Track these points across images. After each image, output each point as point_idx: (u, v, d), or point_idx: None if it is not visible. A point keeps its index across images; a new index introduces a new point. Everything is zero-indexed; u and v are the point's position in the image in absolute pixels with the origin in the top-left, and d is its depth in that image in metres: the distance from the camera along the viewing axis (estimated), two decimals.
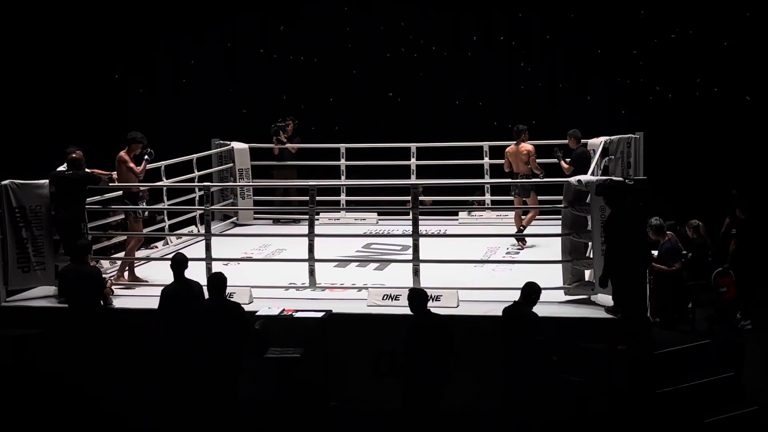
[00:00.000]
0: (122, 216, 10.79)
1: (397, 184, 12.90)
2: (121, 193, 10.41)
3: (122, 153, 10.31)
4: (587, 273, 9.50)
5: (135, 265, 10.53)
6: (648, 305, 9.03)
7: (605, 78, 16.59)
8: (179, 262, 8.84)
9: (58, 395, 9.10)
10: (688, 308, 11.67)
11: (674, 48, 16.39)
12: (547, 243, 10.64)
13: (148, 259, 11.13)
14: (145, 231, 11.23)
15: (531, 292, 8.45)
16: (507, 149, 12.22)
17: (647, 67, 16.54)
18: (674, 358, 8.77)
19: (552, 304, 9.14)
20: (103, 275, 9.63)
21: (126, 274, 10.41)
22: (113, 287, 9.81)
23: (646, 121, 14.90)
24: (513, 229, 12.32)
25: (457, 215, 13.75)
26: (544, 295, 8.98)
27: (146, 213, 10.92)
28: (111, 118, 15.85)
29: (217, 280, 8.45)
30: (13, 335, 9.51)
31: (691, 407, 8.40)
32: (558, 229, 9.75)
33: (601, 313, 9.03)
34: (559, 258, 9.51)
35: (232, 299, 8.93)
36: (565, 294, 9.43)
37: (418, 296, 8.24)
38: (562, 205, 9.57)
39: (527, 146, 12.07)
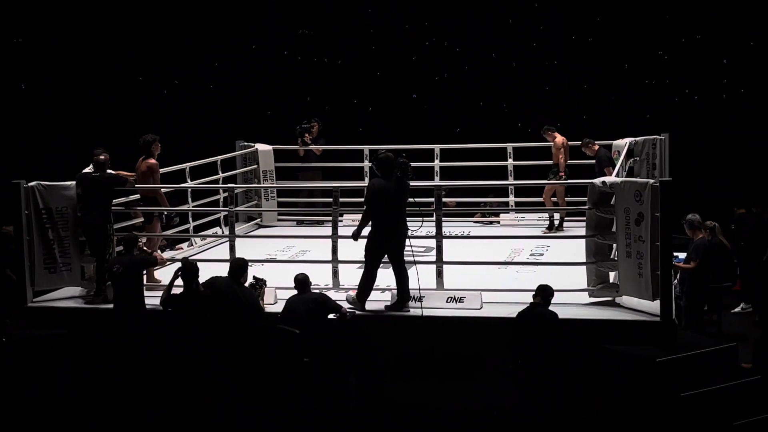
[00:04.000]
0: (142, 219, 10.85)
1: (420, 185, 12.87)
2: (139, 196, 10.55)
3: (153, 161, 10.38)
4: (611, 275, 9.45)
5: (155, 267, 10.53)
6: (673, 306, 8.99)
7: (631, 79, 16.51)
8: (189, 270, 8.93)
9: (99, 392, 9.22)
10: (713, 310, 11.61)
11: (700, 48, 16.28)
12: (571, 244, 10.59)
13: (173, 260, 11.15)
14: (169, 232, 11.28)
15: (549, 293, 8.44)
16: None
17: (673, 68, 16.44)
18: (700, 361, 8.70)
19: (576, 306, 9.10)
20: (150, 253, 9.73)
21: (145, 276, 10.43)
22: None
23: (672, 122, 14.83)
24: (537, 231, 12.32)
25: (475, 217, 13.81)
26: (568, 297, 8.95)
27: (176, 217, 11.03)
28: (135, 120, 15.94)
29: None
30: (39, 335, 9.57)
31: (717, 410, 8.33)
32: (582, 231, 9.71)
33: (625, 315, 8.98)
34: (584, 260, 9.47)
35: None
36: (590, 296, 9.39)
37: (300, 281, 8.96)
38: (586, 207, 9.53)
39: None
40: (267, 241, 12.36)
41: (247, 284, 9.14)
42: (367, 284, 9.23)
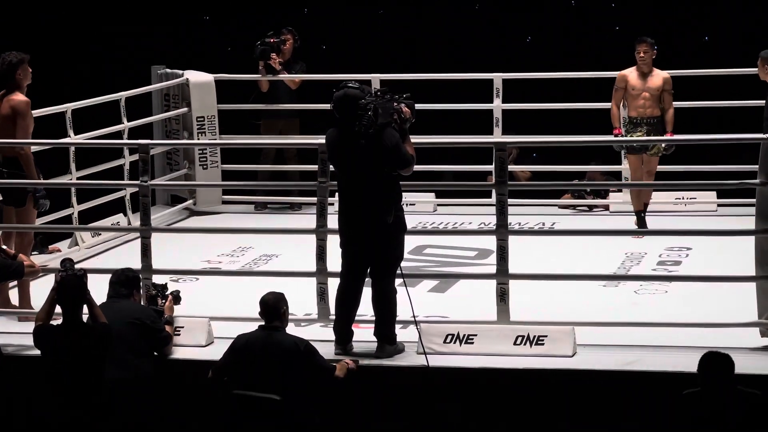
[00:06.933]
0: None
1: (469, 143, 12.88)
2: None
3: (21, 98, 10.45)
4: None
5: (24, 279, 10.45)
6: None
7: None
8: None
9: None
10: None
11: None
12: (728, 246, 10.59)
13: (45, 270, 11.12)
14: (37, 223, 11.28)
15: (707, 371, 8.32)
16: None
17: None
18: None
19: (739, 352, 9.01)
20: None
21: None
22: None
23: None
24: (665, 221, 12.53)
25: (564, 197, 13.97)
26: (725, 337, 8.95)
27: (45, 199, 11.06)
28: None
29: None
30: None
31: None
32: (748, 223, 9.66)
33: None
34: (752, 273, 9.42)
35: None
36: (762, 335, 9.35)
37: (270, 307, 8.68)
38: (755, 181, 9.45)
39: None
40: (204, 239, 12.44)
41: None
42: (336, 308, 9.35)
